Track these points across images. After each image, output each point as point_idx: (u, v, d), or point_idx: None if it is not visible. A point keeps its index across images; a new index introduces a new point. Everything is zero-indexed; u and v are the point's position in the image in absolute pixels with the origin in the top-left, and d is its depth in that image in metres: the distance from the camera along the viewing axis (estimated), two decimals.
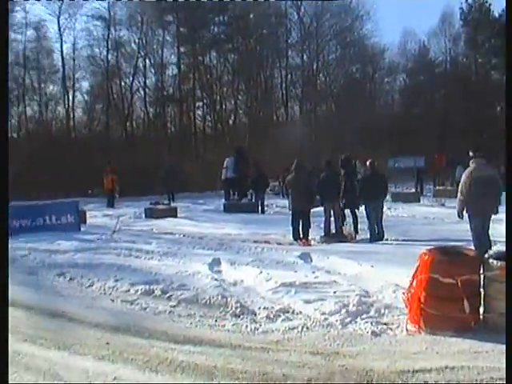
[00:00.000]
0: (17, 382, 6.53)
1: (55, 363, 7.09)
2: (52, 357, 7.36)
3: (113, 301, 10.27)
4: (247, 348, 7.47)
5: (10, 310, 9.69)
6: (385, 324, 8.18)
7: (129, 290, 10.69)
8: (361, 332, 7.96)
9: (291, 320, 8.60)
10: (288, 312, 8.93)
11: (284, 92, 60.04)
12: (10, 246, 15.76)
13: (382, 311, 8.67)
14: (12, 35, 51.95)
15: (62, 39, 53.20)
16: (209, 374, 6.60)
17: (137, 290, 10.58)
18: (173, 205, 27.83)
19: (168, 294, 10.17)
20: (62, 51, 53.36)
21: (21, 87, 52.13)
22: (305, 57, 59.32)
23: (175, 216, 24.22)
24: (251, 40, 58.09)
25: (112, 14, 54.12)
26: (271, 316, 8.78)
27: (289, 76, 60.04)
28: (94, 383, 6.43)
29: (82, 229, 19.51)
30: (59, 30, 52.95)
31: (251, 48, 58.30)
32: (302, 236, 16.83)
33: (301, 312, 8.87)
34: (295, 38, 59.57)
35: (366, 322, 8.22)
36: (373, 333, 7.87)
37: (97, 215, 25.67)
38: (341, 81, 60.86)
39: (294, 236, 16.87)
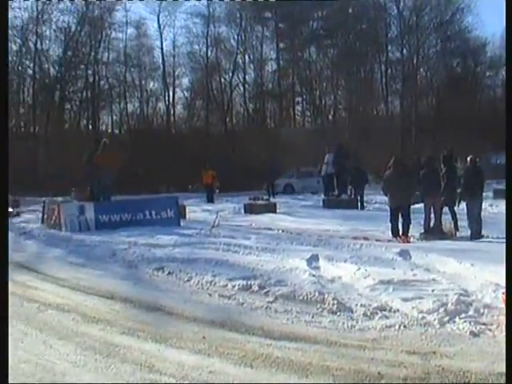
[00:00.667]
0: (113, 372, 6.59)
1: (152, 356, 7.12)
2: (149, 349, 7.39)
3: (210, 295, 10.29)
4: (343, 345, 7.34)
5: (110, 302, 9.92)
6: (484, 324, 7.90)
7: (226, 285, 10.68)
8: (459, 332, 7.71)
9: (388, 318, 8.41)
10: (385, 310, 8.74)
11: (384, 87, 59.38)
12: (110, 239, 16.21)
13: (482, 311, 8.37)
14: (113, 34, 53.45)
15: (161, 37, 54.25)
16: (303, 370, 6.49)
17: (234, 285, 10.56)
18: (272, 200, 27.85)
19: (265, 290, 10.10)
20: (162, 48, 54.41)
21: (122, 84, 53.27)
22: (405, 51, 58.48)
23: (274, 211, 24.21)
24: (350, 35, 57.68)
25: (211, 10, 54.76)
26: (368, 313, 8.61)
27: (389, 71, 59.33)
28: None
29: (181, 224, 19.68)
30: (159, 27, 54.05)
31: (350, 43, 57.89)
32: (401, 233, 16.54)
33: (398, 310, 8.67)
34: (395, 32, 58.82)
35: (465, 322, 7.95)
36: (471, 333, 7.60)
37: (196, 210, 25.91)
38: (441, 75, 59.65)
39: (393, 233, 16.59)
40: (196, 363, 6.79)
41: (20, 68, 51.12)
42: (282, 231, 18.03)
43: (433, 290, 9.46)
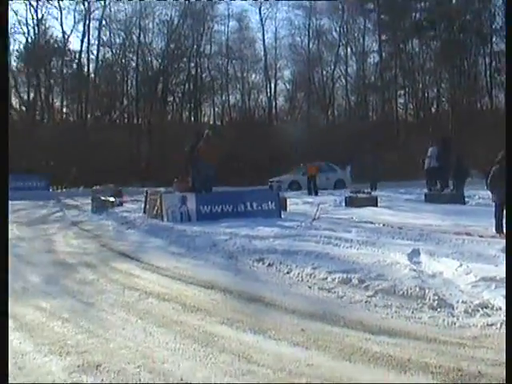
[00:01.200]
0: (212, 362, 6.66)
1: (250, 346, 7.15)
2: (247, 340, 7.43)
3: (310, 288, 10.26)
4: (443, 342, 7.19)
5: (209, 292, 10.02)
6: None
7: (326, 278, 10.62)
8: None
9: (490, 316, 8.19)
10: (487, 307, 8.51)
11: (488, 80, 57.75)
12: (211, 230, 16.36)
13: None
14: (215, 26, 53.95)
15: (263, 29, 54.47)
16: (402, 366, 6.39)
17: (334, 279, 10.49)
18: (373, 194, 27.60)
19: (365, 284, 9.99)
20: (263, 41, 54.62)
21: (224, 76, 53.78)
22: None
23: (375, 205, 23.94)
24: (454, 26, 56.40)
25: (313, 2, 54.57)
26: (469, 311, 8.41)
27: (493, 63, 57.63)
28: None
29: (282, 216, 19.70)
30: (261, 20, 54.28)
31: (454, 34, 56.60)
32: (505, 229, 16.08)
33: (500, 308, 8.42)
34: (499, 22, 57.02)
35: None
36: None
37: (297, 202, 25.89)
38: None
39: (496, 229, 16.12)
40: (294, 355, 6.78)
41: (123, 61, 52.36)
42: (383, 225, 17.80)
43: None
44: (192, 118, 53.27)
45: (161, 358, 6.78)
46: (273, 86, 55.14)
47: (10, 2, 41.45)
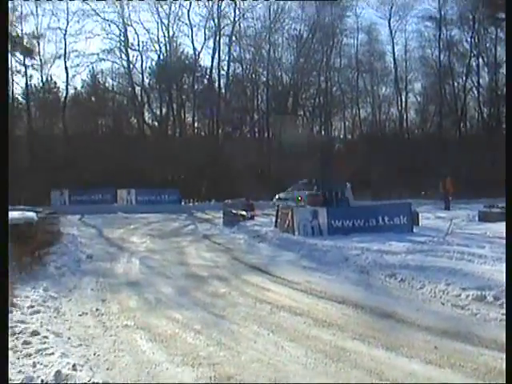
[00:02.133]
0: (343, 377, 6.62)
1: (381, 363, 7.09)
2: (379, 356, 7.37)
3: (443, 304, 10.09)
4: None
5: (341, 307, 9.99)
6: None
7: (460, 295, 10.40)
8: None
9: None
10: None
11: None
12: (343, 245, 16.27)
13: None
14: (345, 40, 53.74)
15: (393, 41, 53.84)
16: None
17: (468, 295, 10.26)
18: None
19: (500, 301, 9.70)
20: (393, 53, 53.95)
21: (354, 90, 53.51)
22: None
23: None
24: None
25: (443, 13, 53.59)
26: None
27: None
28: None
29: (414, 230, 19.39)
30: (390, 32, 53.66)
31: None
32: None
33: None
34: None
35: None
36: None
37: (429, 217, 25.45)
38: None
39: None
40: (427, 373, 6.69)
41: (254, 76, 52.89)
42: None
43: None
44: (322, 132, 53.31)
45: (293, 372, 6.81)
46: (403, 98, 54.50)
47: (15, 2, 42.45)
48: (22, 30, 44.03)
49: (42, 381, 6.30)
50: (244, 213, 25.07)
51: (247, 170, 42.62)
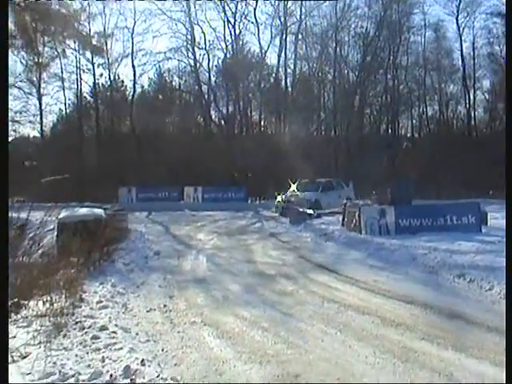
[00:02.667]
0: (411, 378, 6.55)
1: (451, 364, 7.01)
2: (448, 357, 7.28)
3: None
4: None
5: (409, 306, 9.89)
6: None
7: None
8: None
9: None
10: None
11: None
12: (410, 244, 16.08)
13: None
14: (412, 37, 53.08)
15: (461, 38, 52.89)
16: None
17: None
18: None
19: None
20: (461, 50, 53.05)
21: (421, 88, 52.86)
22: None
23: None
24: None
25: None
26: None
27: None
28: None
29: (482, 230, 19.08)
30: (458, 29, 52.74)
31: None
32: None
33: None
34: None
35: None
36: None
37: (497, 217, 24.95)
38: None
39: None
40: (497, 376, 6.57)
41: (320, 74, 52.70)
42: None
43: None
44: (389, 131, 52.84)
45: (360, 372, 6.78)
46: (471, 96, 53.59)
47: (84, 2, 42.59)
48: (89, 30, 44.63)
49: (111, 375, 6.38)
50: (311, 211, 25.01)
51: (313, 168, 42.50)
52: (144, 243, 19.11)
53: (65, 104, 49.64)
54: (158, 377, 6.45)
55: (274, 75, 53.00)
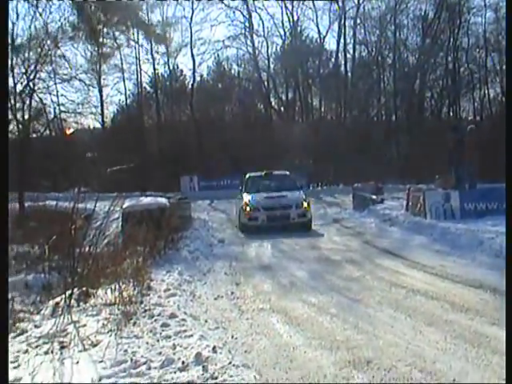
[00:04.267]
0: (484, 364, 6.45)
1: None
2: None
3: None
4: None
5: (478, 291, 9.78)
6: None
7: None
8: None
9: None
10: None
11: None
12: (476, 228, 15.82)
13: None
14: (472, 19, 52.14)
15: None
16: None
17: None
18: None
19: None
20: None
21: (483, 70, 51.95)
22: None
23: None
24: None
25: None
26: None
27: None
28: None
29: None
30: None
31: None
32: None
33: None
34: None
35: None
36: None
37: None
38: None
39: None
40: None
41: (379, 58, 52.21)
42: None
43: None
44: (450, 114, 52.12)
45: (432, 358, 6.69)
46: None
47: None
48: (148, 20, 44.89)
49: (183, 362, 6.42)
50: (374, 196, 24.85)
51: (375, 153, 42.20)
52: (208, 231, 19.27)
53: (125, 95, 50.44)
54: (230, 364, 6.46)
55: (332, 61, 52.76)
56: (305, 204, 20.56)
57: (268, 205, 20.17)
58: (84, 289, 9.77)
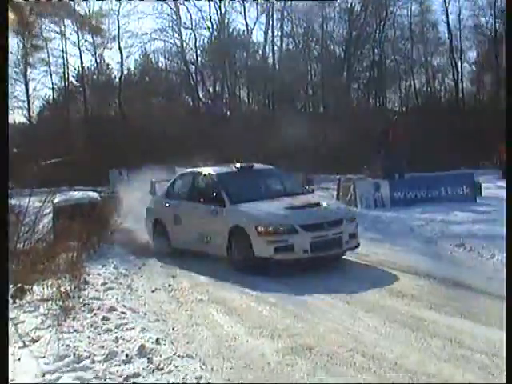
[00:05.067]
0: (424, 346, 6.62)
1: (461, 332, 7.09)
2: (457, 325, 7.36)
3: None
4: None
5: (413, 277, 9.98)
6: None
7: None
8: None
9: None
10: None
11: None
12: (406, 216, 16.15)
13: None
14: (397, 11, 53.04)
15: (447, 11, 52.81)
16: None
17: None
18: None
19: None
20: (448, 23, 53.00)
21: (408, 61, 52.89)
22: None
23: None
24: None
25: None
26: None
27: None
28: None
29: (477, 200, 19.15)
30: (444, 1, 52.72)
31: None
32: None
33: None
34: None
35: None
36: None
37: (490, 187, 25.08)
38: None
39: None
40: (504, 339, 6.62)
41: (306, 50, 52.58)
42: None
43: None
44: (377, 105, 52.83)
45: (372, 342, 6.85)
46: (459, 68, 53.63)
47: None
48: (75, 11, 44.15)
49: (127, 355, 6.42)
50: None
51: (302, 144, 42.55)
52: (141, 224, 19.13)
53: (52, 89, 49.60)
54: (174, 354, 6.49)
55: (260, 53, 52.88)
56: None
57: (309, 220, 11.42)
58: (19, 285, 9.62)
